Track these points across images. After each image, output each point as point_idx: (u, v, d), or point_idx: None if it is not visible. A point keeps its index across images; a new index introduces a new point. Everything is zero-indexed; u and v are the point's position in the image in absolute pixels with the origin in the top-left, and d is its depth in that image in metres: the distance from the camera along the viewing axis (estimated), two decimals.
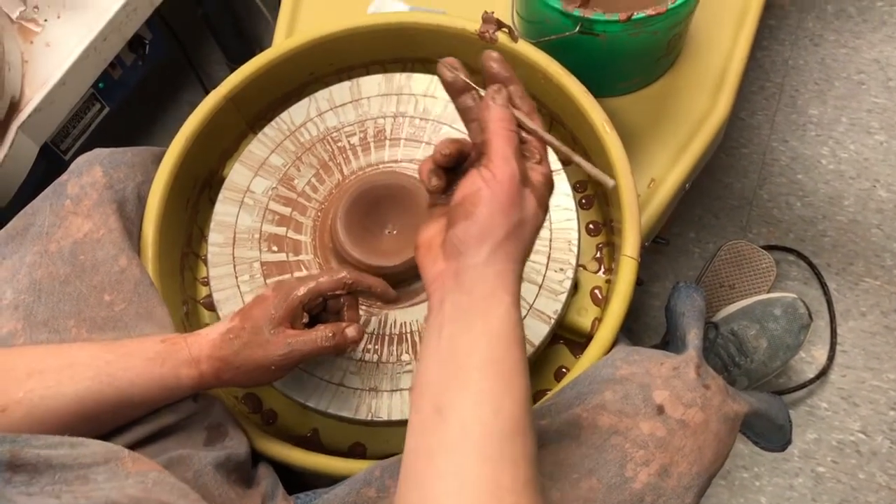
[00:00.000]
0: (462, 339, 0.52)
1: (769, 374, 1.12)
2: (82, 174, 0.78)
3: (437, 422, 0.50)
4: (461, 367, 0.51)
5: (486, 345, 0.52)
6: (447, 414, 0.50)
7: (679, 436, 0.65)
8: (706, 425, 0.67)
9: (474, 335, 0.52)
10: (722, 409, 0.69)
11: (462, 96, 0.59)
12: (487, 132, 0.55)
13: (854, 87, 1.35)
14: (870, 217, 1.27)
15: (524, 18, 0.92)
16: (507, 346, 0.52)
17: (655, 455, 0.64)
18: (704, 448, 0.66)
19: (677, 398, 0.67)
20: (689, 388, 0.68)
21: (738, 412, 0.72)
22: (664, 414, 0.66)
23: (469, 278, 0.53)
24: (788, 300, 1.12)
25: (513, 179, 0.53)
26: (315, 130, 0.88)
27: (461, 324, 0.52)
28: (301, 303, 0.67)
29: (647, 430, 0.65)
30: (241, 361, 0.66)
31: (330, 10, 1.05)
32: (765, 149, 1.33)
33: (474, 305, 0.52)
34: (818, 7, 1.41)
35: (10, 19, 1.04)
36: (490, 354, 0.51)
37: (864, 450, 1.15)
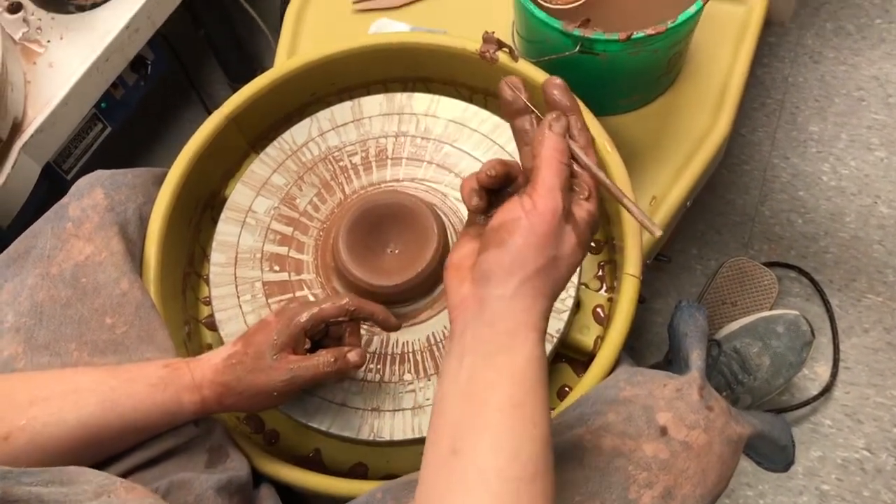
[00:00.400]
0: (483, 375, 0.50)
1: (772, 391, 1.11)
2: (83, 196, 0.78)
3: (454, 462, 0.49)
4: (481, 406, 0.49)
5: (507, 384, 0.50)
6: (464, 455, 0.49)
7: (682, 458, 0.65)
8: (709, 447, 0.67)
9: (496, 372, 0.50)
10: (725, 430, 0.69)
11: (519, 118, 0.57)
12: (539, 159, 0.53)
13: (854, 103, 1.35)
14: (871, 233, 1.27)
15: (524, 38, 0.93)
16: (530, 387, 0.50)
17: (659, 477, 0.64)
18: (708, 470, 0.66)
19: (680, 420, 0.67)
20: (692, 409, 0.68)
21: (742, 434, 0.71)
22: (667, 436, 0.66)
23: (493, 309, 0.51)
24: (791, 317, 1.12)
25: (554, 213, 0.51)
26: (317, 150, 0.88)
27: (482, 357, 0.50)
28: (303, 329, 0.67)
29: (651, 452, 0.65)
30: (243, 387, 0.65)
31: (331, 30, 1.05)
32: (766, 165, 1.33)
33: (497, 339, 0.50)
34: (817, 25, 1.42)
35: (14, 40, 1.04)
36: (511, 395, 0.50)
37: (869, 467, 1.14)
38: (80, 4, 1.05)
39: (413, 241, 0.78)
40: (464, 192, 0.56)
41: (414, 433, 0.75)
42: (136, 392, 0.64)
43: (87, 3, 1.06)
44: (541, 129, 0.54)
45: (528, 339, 0.51)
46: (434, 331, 0.79)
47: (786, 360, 1.10)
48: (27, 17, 1.06)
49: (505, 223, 0.52)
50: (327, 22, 1.06)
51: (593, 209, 0.54)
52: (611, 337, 0.76)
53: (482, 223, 0.56)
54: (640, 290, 0.78)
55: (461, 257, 0.55)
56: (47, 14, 1.06)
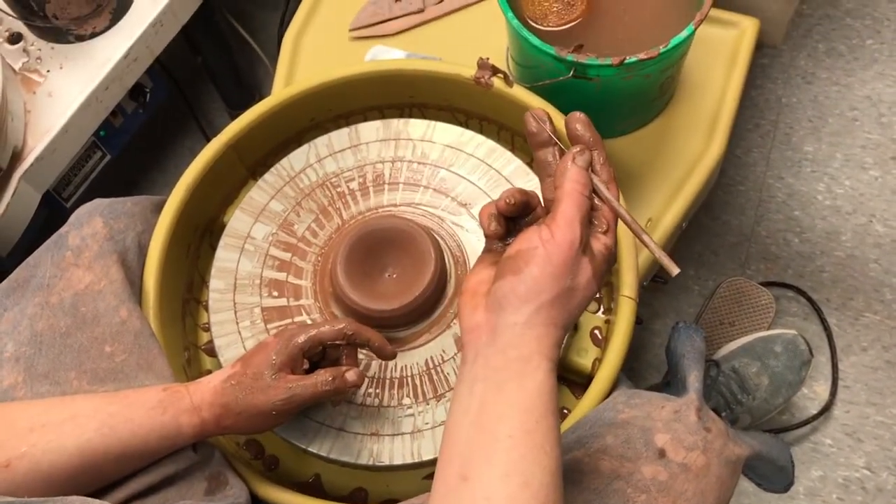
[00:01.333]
0: (493, 402, 0.51)
1: (772, 410, 1.11)
2: (83, 225, 0.79)
3: (462, 488, 0.49)
4: (490, 434, 0.50)
5: (518, 412, 0.50)
6: (473, 484, 0.49)
7: (681, 480, 0.65)
8: (708, 469, 0.67)
9: (506, 400, 0.50)
10: (723, 452, 0.69)
11: (542, 150, 0.58)
12: (560, 191, 0.54)
13: (847, 123, 1.36)
14: (867, 252, 1.27)
15: (519, 63, 0.94)
16: (541, 415, 0.50)
17: (658, 499, 0.64)
18: (707, 492, 0.66)
19: (678, 442, 0.67)
20: (690, 431, 0.68)
21: (740, 455, 0.72)
22: (666, 458, 0.66)
23: (506, 337, 0.51)
24: (789, 336, 1.12)
25: (572, 245, 0.52)
26: (314, 176, 0.89)
27: (493, 384, 0.51)
28: (301, 350, 0.67)
29: (649, 475, 0.65)
30: (242, 407, 0.66)
31: (328, 57, 1.06)
32: (761, 186, 1.34)
33: (509, 367, 0.51)
34: (809, 46, 1.43)
35: (14, 70, 1.05)
36: (522, 423, 0.50)
37: (870, 486, 1.14)
38: (80, 34, 1.06)
39: (410, 265, 0.79)
40: (482, 218, 0.57)
41: (413, 458, 0.75)
42: (134, 416, 0.64)
43: (86, 33, 1.07)
44: (564, 161, 0.55)
45: (539, 368, 0.51)
46: (432, 354, 0.79)
47: (785, 379, 1.10)
48: (27, 47, 1.07)
49: (522, 252, 0.52)
50: (324, 49, 1.07)
51: (611, 243, 0.55)
52: (608, 359, 0.76)
53: (499, 250, 0.57)
54: (638, 311, 0.79)
55: (477, 283, 0.55)
56: (47, 44, 1.07)
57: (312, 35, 1.09)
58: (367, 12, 1.08)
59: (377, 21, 1.07)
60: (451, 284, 0.81)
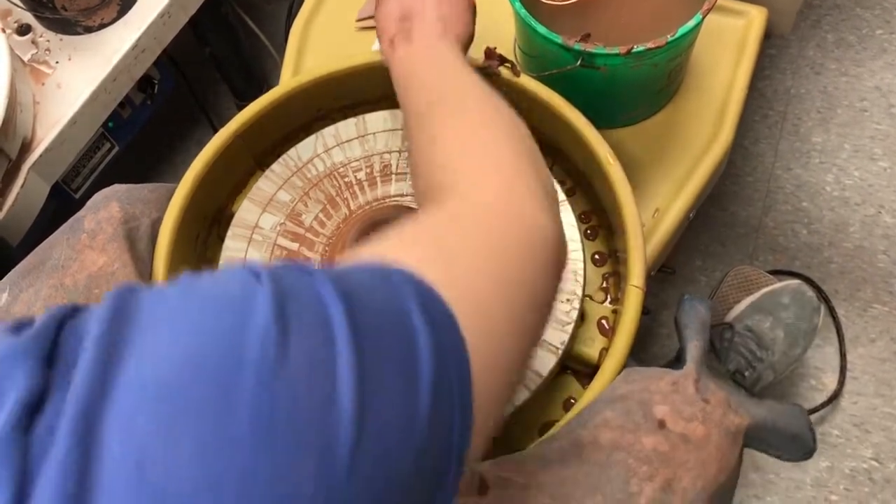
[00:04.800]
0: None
1: (792, 362, 1.11)
2: (99, 210, 0.79)
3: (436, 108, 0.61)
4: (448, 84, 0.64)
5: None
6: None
7: (682, 450, 0.65)
8: (708, 439, 0.67)
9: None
10: (723, 422, 0.69)
11: None
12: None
13: (856, 114, 1.36)
14: (876, 243, 1.27)
15: (526, 53, 0.94)
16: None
17: (659, 470, 0.64)
18: (708, 462, 0.66)
19: (678, 413, 0.67)
20: (688, 402, 0.68)
21: (740, 425, 0.72)
22: (666, 428, 0.66)
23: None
24: (794, 286, 1.12)
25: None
26: (322, 166, 0.89)
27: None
28: None
29: (650, 445, 0.65)
30: None
31: (335, 48, 1.06)
32: (769, 177, 1.33)
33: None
34: (818, 36, 1.43)
35: (23, 62, 1.06)
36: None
37: (878, 477, 1.14)
38: (88, 25, 1.07)
39: None
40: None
41: None
42: None
43: (94, 25, 1.07)
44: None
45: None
46: None
47: (799, 329, 1.10)
48: (36, 38, 1.08)
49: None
50: (331, 40, 1.07)
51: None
52: (615, 348, 0.76)
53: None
54: (645, 301, 0.79)
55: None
56: (55, 36, 1.08)
57: (320, 26, 1.09)
58: (373, 2, 1.07)
59: None
60: None
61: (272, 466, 0.29)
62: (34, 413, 0.28)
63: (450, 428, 0.37)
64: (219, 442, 0.28)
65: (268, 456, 0.29)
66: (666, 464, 0.65)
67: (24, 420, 0.27)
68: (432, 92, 0.63)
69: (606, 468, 0.64)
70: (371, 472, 0.32)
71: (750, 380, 1.07)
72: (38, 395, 0.28)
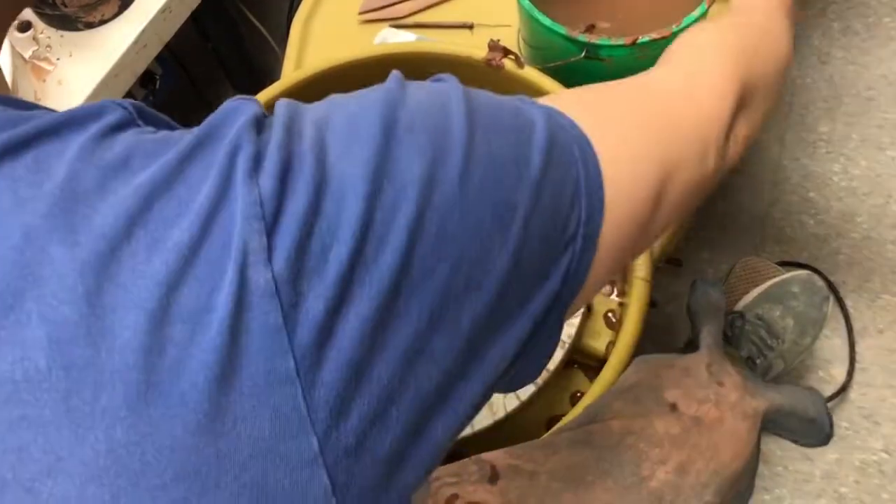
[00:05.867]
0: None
1: (802, 352, 1.11)
2: None
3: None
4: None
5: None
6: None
7: (694, 433, 0.65)
8: (721, 422, 0.67)
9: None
10: (739, 405, 0.69)
11: None
12: None
13: (863, 103, 1.35)
14: (884, 233, 1.26)
15: (530, 45, 0.93)
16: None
17: (671, 452, 0.64)
18: (721, 445, 0.66)
19: (690, 396, 0.67)
20: (700, 385, 0.68)
21: (757, 408, 0.71)
22: (678, 411, 0.66)
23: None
24: (803, 276, 1.12)
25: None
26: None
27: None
28: None
29: (662, 429, 0.65)
30: None
31: (337, 41, 1.06)
32: (776, 167, 1.32)
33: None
34: (824, 25, 1.41)
35: (24, 59, 1.05)
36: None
37: (888, 469, 1.13)
38: (89, 22, 1.06)
39: None
40: None
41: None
42: None
43: (95, 21, 1.06)
44: None
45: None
46: None
47: (808, 317, 1.10)
48: (37, 35, 1.07)
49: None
50: (333, 33, 1.07)
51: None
52: (622, 341, 0.76)
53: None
54: (652, 294, 0.78)
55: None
56: (56, 32, 1.07)
57: (321, 19, 1.08)
58: None
59: (386, 4, 1.06)
60: None
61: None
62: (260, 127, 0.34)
63: (571, 200, 0.37)
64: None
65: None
66: (678, 447, 0.64)
67: (255, 124, 0.34)
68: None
69: (617, 453, 0.64)
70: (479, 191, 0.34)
71: (761, 368, 1.07)
72: (261, 119, 0.35)
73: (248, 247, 0.30)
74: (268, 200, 0.31)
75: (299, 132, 0.34)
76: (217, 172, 0.31)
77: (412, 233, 0.32)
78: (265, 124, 0.35)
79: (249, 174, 0.31)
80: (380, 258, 0.31)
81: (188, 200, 0.31)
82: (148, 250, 0.29)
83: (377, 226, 0.31)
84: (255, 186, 0.31)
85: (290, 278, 0.30)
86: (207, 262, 0.29)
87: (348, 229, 0.31)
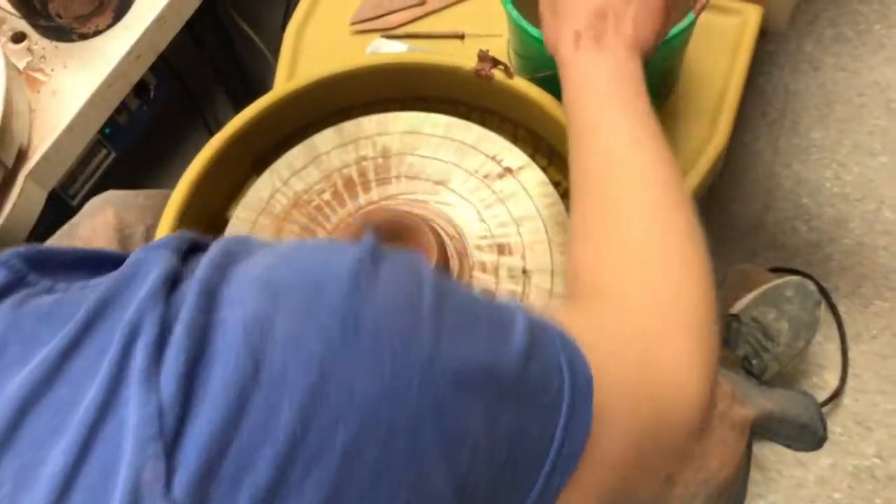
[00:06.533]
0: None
1: (796, 355, 1.13)
2: (95, 216, 0.80)
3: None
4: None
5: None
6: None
7: None
8: (710, 432, 0.67)
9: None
10: (728, 415, 0.69)
11: None
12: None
13: (855, 109, 1.35)
14: (876, 239, 1.26)
15: (519, 55, 0.93)
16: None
17: None
18: (709, 455, 0.66)
19: None
20: None
21: (746, 416, 0.71)
22: None
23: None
24: (796, 280, 1.14)
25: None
26: (285, 200, 0.88)
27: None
28: None
29: None
30: None
31: (330, 51, 1.06)
32: (769, 174, 1.33)
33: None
34: (816, 32, 1.42)
35: (18, 70, 1.06)
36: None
37: (881, 475, 1.13)
38: (83, 32, 1.07)
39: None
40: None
41: None
42: None
43: (89, 31, 1.07)
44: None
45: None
46: None
47: (802, 321, 1.12)
48: (31, 46, 1.08)
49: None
50: (326, 44, 1.07)
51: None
52: None
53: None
54: None
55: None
56: (50, 43, 1.08)
57: (314, 29, 1.09)
58: (368, 5, 1.07)
59: (378, 14, 1.06)
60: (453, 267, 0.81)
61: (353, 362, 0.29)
62: (173, 285, 0.30)
63: (551, 409, 0.35)
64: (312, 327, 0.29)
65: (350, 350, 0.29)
66: None
67: (164, 287, 0.29)
68: (611, 145, 0.58)
69: None
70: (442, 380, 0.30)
71: (757, 368, 1.08)
72: (175, 275, 0.30)
73: (140, 478, 0.25)
74: (169, 409, 0.25)
75: (227, 300, 0.29)
76: (108, 366, 0.27)
77: (349, 458, 0.27)
78: (183, 274, 0.30)
79: (147, 372, 0.26)
80: (306, 485, 0.26)
81: (70, 405, 0.26)
82: (15, 486, 0.25)
83: (310, 447, 0.26)
84: (154, 391, 0.26)
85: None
86: (88, 496, 0.25)
87: (272, 449, 0.26)
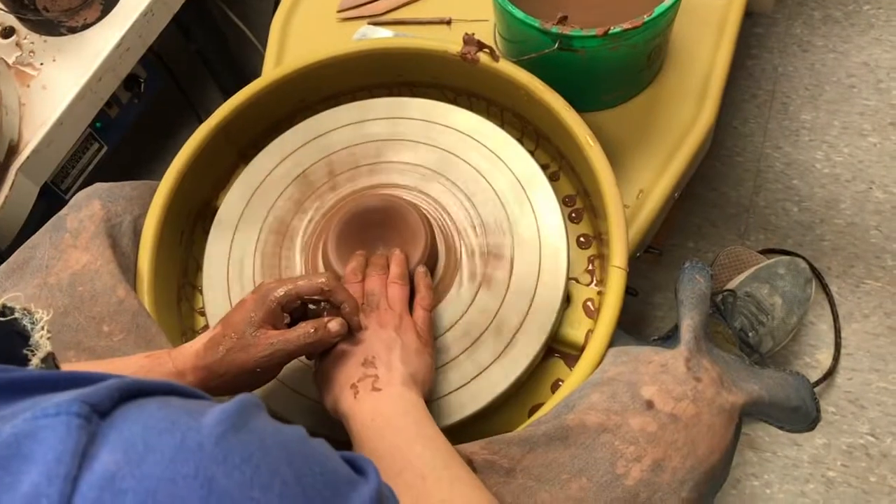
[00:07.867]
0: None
1: (790, 331, 1.14)
2: (81, 208, 0.80)
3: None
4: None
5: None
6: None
7: (671, 430, 0.65)
8: (698, 418, 0.67)
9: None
10: (716, 400, 0.69)
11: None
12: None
13: (845, 90, 1.36)
14: (867, 219, 1.27)
15: (505, 38, 0.94)
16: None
17: (647, 450, 0.64)
18: (697, 441, 0.66)
19: (667, 392, 0.67)
20: (678, 381, 0.68)
21: (735, 402, 0.71)
22: (654, 409, 0.66)
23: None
24: (787, 259, 1.18)
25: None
26: (279, 179, 0.89)
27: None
28: (279, 303, 0.66)
29: (638, 426, 0.65)
30: (225, 368, 0.64)
31: (317, 39, 1.06)
32: (759, 156, 1.33)
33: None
34: (805, 14, 1.42)
35: (7, 64, 1.06)
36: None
37: (874, 452, 1.14)
38: (71, 26, 1.07)
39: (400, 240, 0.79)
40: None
41: None
42: None
43: (77, 25, 1.07)
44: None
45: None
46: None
47: (794, 297, 1.14)
48: (20, 41, 1.08)
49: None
50: (313, 31, 1.08)
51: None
52: (599, 329, 0.76)
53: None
54: (630, 282, 0.79)
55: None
56: (40, 37, 1.08)
57: (301, 17, 1.09)
58: None
59: (365, 1, 1.07)
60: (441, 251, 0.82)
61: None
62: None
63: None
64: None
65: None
66: (655, 444, 0.65)
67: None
68: (405, 467, 0.59)
69: (592, 450, 0.64)
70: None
71: (753, 341, 1.08)
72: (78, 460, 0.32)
73: None
74: None
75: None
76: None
77: None
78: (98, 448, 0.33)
79: None
80: None
81: None
82: None
83: None
84: None
85: None
86: None
87: None
